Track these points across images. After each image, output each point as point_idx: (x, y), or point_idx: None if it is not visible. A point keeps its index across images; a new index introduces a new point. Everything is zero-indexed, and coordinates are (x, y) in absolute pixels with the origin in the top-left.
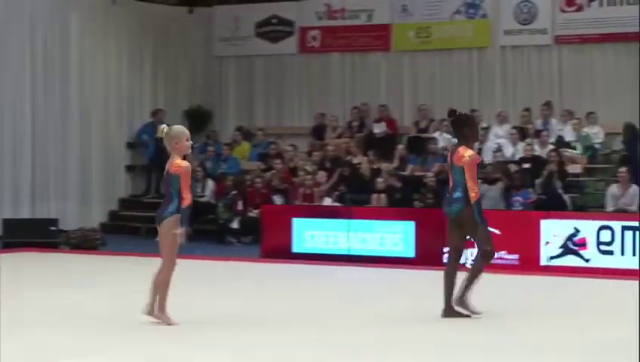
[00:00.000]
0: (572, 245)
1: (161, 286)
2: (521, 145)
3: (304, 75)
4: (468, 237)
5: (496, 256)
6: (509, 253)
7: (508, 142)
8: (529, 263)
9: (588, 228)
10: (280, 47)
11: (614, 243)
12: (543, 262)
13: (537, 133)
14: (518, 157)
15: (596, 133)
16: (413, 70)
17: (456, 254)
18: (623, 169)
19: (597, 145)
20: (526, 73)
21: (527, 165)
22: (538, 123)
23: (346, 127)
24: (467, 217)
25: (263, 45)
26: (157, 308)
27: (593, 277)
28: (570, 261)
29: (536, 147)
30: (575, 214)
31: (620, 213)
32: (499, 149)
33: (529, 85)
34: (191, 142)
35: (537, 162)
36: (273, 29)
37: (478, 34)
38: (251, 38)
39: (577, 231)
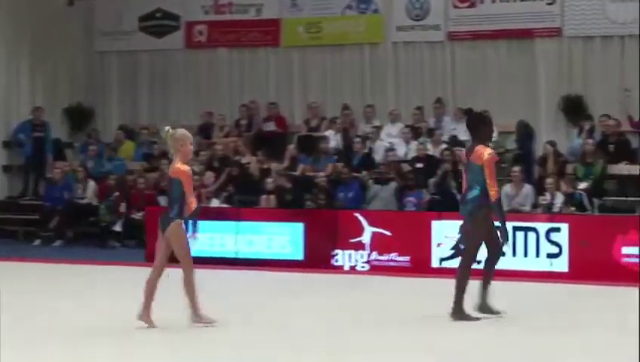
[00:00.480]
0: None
1: (187, 290)
2: (413, 145)
3: (190, 71)
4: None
5: (392, 259)
6: (400, 254)
7: (401, 142)
8: (420, 265)
9: None
10: (165, 42)
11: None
12: (435, 264)
13: (430, 132)
14: (410, 156)
15: None
16: (303, 67)
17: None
18: (516, 168)
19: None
20: (419, 70)
21: (420, 165)
22: (431, 121)
23: (233, 125)
24: (477, 216)
25: (147, 40)
26: (191, 312)
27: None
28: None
29: (430, 146)
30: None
31: (513, 214)
32: (391, 149)
33: (422, 83)
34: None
35: (431, 162)
36: (158, 23)
37: (369, 29)
38: (135, 33)
39: None
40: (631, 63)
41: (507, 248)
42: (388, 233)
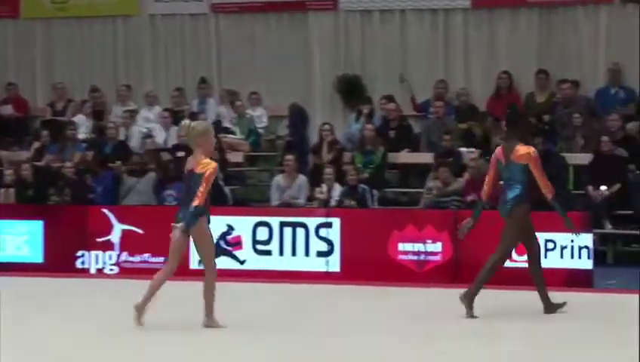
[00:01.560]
0: (225, 245)
1: (207, 292)
2: (174, 131)
3: None
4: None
5: (145, 261)
6: (154, 255)
7: (159, 127)
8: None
9: (243, 225)
10: None
11: (272, 242)
12: (193, 265)
13: (193, 116)
14: (171, 144)
15: (259, 116)
16: (47, 42)
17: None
18: (289, 157)
19: (260, 130)
20: (179, 47)
21: (181, 153)
22: (194, 104)
23: None
24: (517, 216)
25: None
26: (205, 314)
27: (250, 281)
28: (224, 263)
29: None
30: (228, 209)
31: (280, 208)
32: (149, 135)
33: (183, 61)
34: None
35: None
36: None
37: (123, 0)
38: None
39: (231, 228)
40: (412, 40)
41: (274, 247)
42: (140, 231)
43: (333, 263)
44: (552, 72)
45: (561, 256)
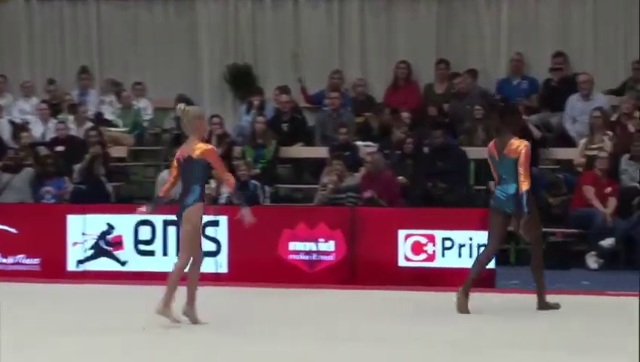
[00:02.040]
0: (105, 245)
1: (173, 279)
2: (52, 123)
3: None
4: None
5: (19, 262)
6: (29, 256)
7: (36, 119)
8: (53, 268)
9: (124, 223)
10: None
11: (155, 242)
12: (71, 267)
13: (73, 108)
14: (49, 137)
15: (144, 108)
16: None
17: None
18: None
19: (145, 123)
20: (58, 33)
21: (60, 148)
22: (74, 95)
23: None
24: (532, 209)
25: None
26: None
27: (131, 284)
28: (104, 264)
29: (72, 125)
30: (108, 207)
31: (170, 206)
32: (23, 127)
33: (62, 49)
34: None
35: (74, 144)
36: None
37: None
38: None
39: (112, 227)
40: (306, 27)
41: (157, 247)
42: (13, 230)
43: (222, 264)
44: (452, 62)
45: (459, 255)
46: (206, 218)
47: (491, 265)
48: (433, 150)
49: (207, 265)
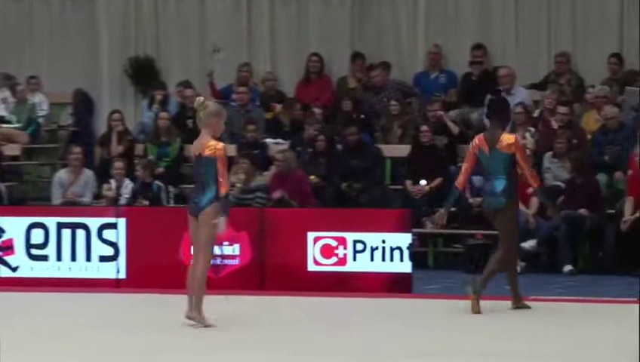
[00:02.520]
0: None
1: (198, 284)
2: None
3: None
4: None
5: None
6: None
7: None
8: None
9: (15, 226)
10: None
11: (48, 246)
12: None
13: None
14: None
15: (39, 104)
16: None
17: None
18: (77, 149)
19: (40, 120)
20: None
21: None
22: None
23: None
24: (507, 210)
25: None
26: (192, 307)
27: (24, 291)
28: None
29: None
30: None
31: (62, 207)
32: None
33: None
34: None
35: None
36: None
37: None
38: None
39: (2, 231)
40: (212, 18)
41: (51, 251)
42: None
43: (120, 269)
44: (367, 55)
45: (372, 259)
46: (102, 220)
47: (408, 268)
48: (347, 148)
49: (108, 270)
